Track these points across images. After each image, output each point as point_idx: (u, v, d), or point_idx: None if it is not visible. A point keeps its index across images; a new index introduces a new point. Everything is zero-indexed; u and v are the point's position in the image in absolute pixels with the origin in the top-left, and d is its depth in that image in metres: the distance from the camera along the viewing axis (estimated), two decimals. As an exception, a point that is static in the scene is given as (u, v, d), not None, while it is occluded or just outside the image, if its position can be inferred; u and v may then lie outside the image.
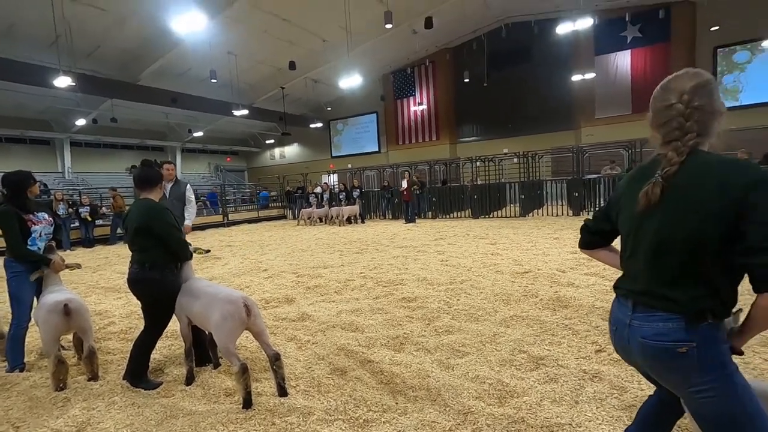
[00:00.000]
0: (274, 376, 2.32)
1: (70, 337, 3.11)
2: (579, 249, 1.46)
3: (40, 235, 2.90)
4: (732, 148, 12.48)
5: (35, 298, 2.88)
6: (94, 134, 21.41)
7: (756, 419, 1.05)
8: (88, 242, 10.77)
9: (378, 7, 14.18)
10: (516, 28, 18.51)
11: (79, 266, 3.18)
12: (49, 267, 2.85)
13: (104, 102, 17.88)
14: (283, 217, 17.58)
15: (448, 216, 13.09)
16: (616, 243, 1.35)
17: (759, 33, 14.80)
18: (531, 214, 11.99)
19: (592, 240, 1.41)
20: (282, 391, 2.28)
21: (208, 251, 3.13)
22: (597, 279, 4.28)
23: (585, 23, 14.09)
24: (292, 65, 15.80)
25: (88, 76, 14.68)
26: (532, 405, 2.06)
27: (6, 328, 2.94)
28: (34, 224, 2.88)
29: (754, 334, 1.11)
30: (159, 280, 2.45)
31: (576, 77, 17.29)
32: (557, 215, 11.39)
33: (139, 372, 2.55)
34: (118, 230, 11.03)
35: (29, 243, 2.84)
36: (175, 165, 5.17)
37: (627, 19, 16.79)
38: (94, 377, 2.65)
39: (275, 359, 2.31)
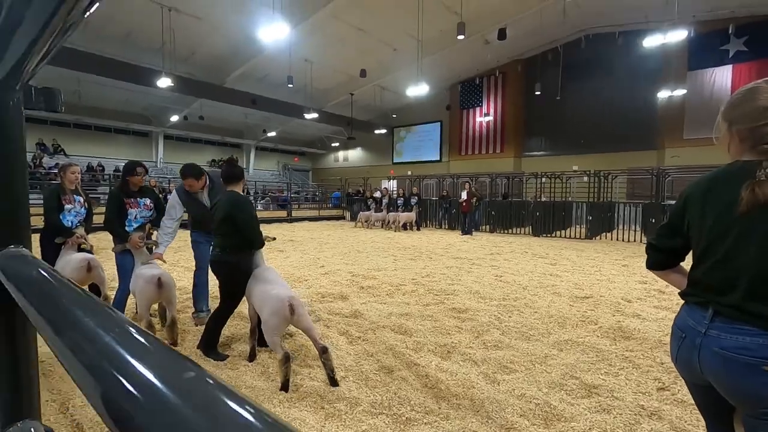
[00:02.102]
0: (324, 367, 2.49)
1: (156, 306, 3.58)
2: (648, 269, 1.42)
3: (135, 218, 3.40)
4: None
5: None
6: (184, 129, 23.89)
7: None
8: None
9: (451, 17, 14.26)
10: (597, 39, 17.52)
11: (156, 244, 3.48)
12: (128, 242, 3.28)
13: (195, 101, 19.90)
14: (342, 217, 18.20)
15: (506, 231, 12.71)
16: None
17: None
18: (598, 237, 11.24)
19: (663, 259, 1.37)
20: (333, 381, 2.44)
21: (274, 239, 3.42)
22: (667, 313, 3.96)
23: (678, 35, 12.96)
24: (362, 73, 16.40)
25: (184, 78, 16.49)
26: (578, 430, 2.00)
27: (111, 294, 3.47)
28: (131, 207, 3.38)
29: None
30: (235, 263, 2.75)
31: (663, 93, 15.92)
32: (629, 241, 10.56)
33: (212, 343, 2.87)
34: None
35: (126, 224, 3.35)
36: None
37: (731, 31, 15.14)
38: (173, 343, 3.03)
39: (323, 352, 2.48)
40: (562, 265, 6.80)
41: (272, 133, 26.31)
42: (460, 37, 11.87)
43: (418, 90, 17.44)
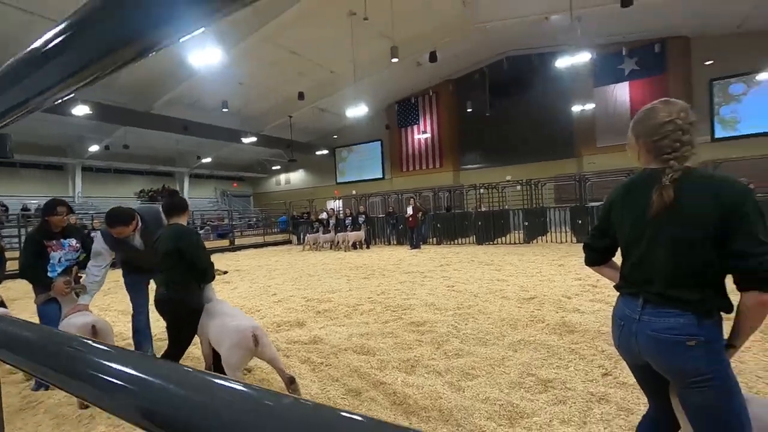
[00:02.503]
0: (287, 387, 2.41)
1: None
2: (586, 265, 1.60)
3: (59, 261, 3.07)
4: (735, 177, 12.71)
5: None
6: (106, 160, 21.99)
7: (742, 412, 1.20)
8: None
9: (384, 41, 14.87)
10: (517, 60, 19.23)
11: (85, 289, 3.05)
12: (52, 289, 2.91)
13: (117, 129, 18.48)
14: (289, 242, 17.73)
15: (452, 242, 13.20)
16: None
17: (753, 66, 15.31)
18: (535, 241, 12.09)
19: (598, 257, 1.55)
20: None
21: (225, 272, 3.26)
22: (602, 305, 4.36)
23: (583, 57, 14.67)
24: (300, 96, 16.42)
25: (104, 105, 15.31)
26: (542, 425, 2.14)
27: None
28: (54, 250, 3.05)
29: (748, 332, 1.24)
30: (183, 300, 2.59)
31: (576, 107, 17.79)
32: (561, 242, 11.49)
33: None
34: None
35: (49, 269, 3.02)
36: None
37: (624, 53, 17.45)
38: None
39: (291, 382, 2.41)
40: (506, 270, 7.22)
41: (207, 159, 25.15)
42: (394, 60, 12.40)
43: (356, 110, 17.78)
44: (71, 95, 0.48)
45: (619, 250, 1.47)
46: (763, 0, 12.85)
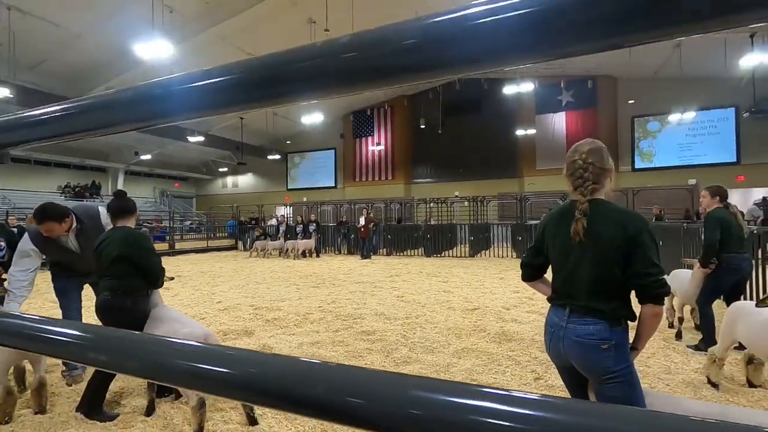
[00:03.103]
0: (243, 406, 2.39)
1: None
2: (523, 281, 1.81)
3: None
4: (648, 203, 14.35)
5: None
6: (26, 150, 19.74)
7: (641, 403, 1.48)
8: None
9: (343, 52, 15.00)
10: (468, 83, 20.34)
11: (6, 293, 2.80)
12: None
13: (44, 117, 16.74)
14: (235, 247, 17.04)
15: (402, 253, 13.50)
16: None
17: (666, 107, 17.53)
18: (479, 255, 12.73)
19: (533, 273, 1.77)
20: (252, 420, 2.36)
21: (172, 278, 3.14)
22: (537, 316, 4.76)
23: (527, 86, 15.91)
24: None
25: (28, 88, 13.85)
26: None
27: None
28: None
29: (646, 337, 1.52)
30: (130, 307, 2.48)
31: (520, 131, 19.14)
32: (503, 256, 12.21)
33: (96, 403, 2.49)
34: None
35: None
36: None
37: (562, 85, 19.17)
38: (41, 410, 2.53)
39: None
40: (452, 282, 7.56)
41: (147, 156, 23.51)
42: (353, 72, 12.57)
43: (312, 118, 17.72)
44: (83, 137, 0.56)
45: (550, 267, 1.71)
46: (673, 52, 14.85)
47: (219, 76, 0.43)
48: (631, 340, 1.54)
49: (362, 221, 12.60)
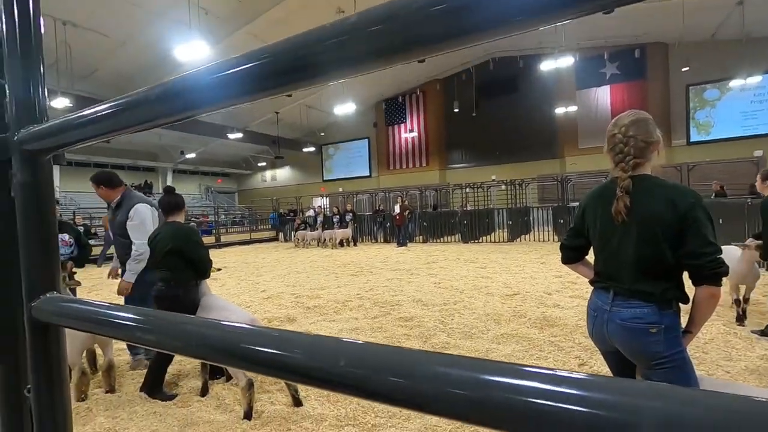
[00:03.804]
0: (288, 388, 2.51)
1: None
2: (562, 263, 1.75)
3: None
4: (706, 179, 13.28)
5: None
6: (86, 154, 21.44)
7: (694, 385, 1.39)
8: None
9: (372, 40, 14.92)
10: (503, 62, 19.56)
11: (79, 284, 3.22)
12: None
13: (99, 123, 18.04)
14: (276, 239, 17.68)
15: (438, 240, 13.41)
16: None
17: (726, 73, 15.96)
18: (518, 240, 12.40)
19: (573, 255, 1.70)
20: (297, 402, 2.47)
21: (219, 269, 3.34)
22: (580, 301, 4.58)
23: (566, 61, 15.04)
24: (288, 93, 16.31)
25: (84, 97, 14.95)
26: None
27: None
28: None
29: (701, 321, 1.42)
30: (182, 296, 2.66)
31: (559, 110, 18.22)
32: (543, 241, 11.81)
33: (157, 384, 2.71)
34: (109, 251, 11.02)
35: None
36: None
37: (605, 57, 17.95)
38: (111, 390, 2.79)
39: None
40: (491, 267, 7.43)
41: (191, 155, 24.76)
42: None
43: (344, 108, 17.82)
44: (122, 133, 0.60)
45: (591, 248, 1.63)
46: (734, 9, 13.43)
47: (252, 61, 0.44)
48: (684, 324, 1.44)
49: (397, 209, 12.62)
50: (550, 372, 0.31)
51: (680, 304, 1.41)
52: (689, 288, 1.41)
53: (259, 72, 0.44)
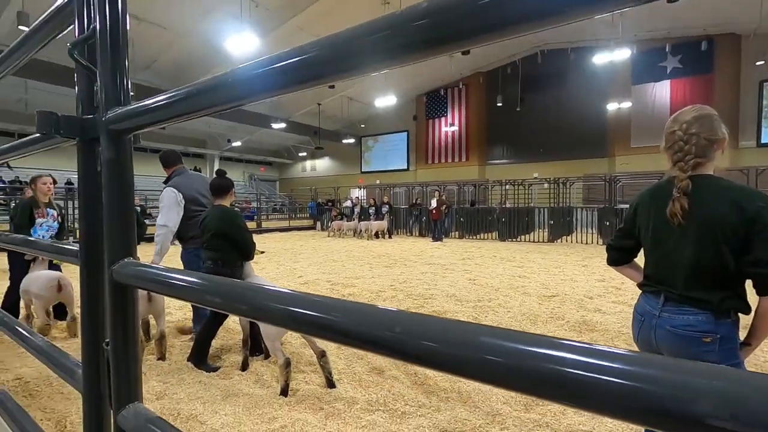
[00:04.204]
0: (322, 370, 2.61)
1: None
2: (608, 265, 1.68)
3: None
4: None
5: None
6: (144, 139, 22.93)
7: None
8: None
9: (417, 32, 14.76)
10: (552, 54, 18.73)
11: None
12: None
13: (156, 111, 19.25)
14: (313, 227, 18.14)
15: (474, 237, 13.20)
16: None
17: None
18: (559, 240, 11.95)
19: (621, 257, 1.63)
20: (330, 383, 2.57)
21: (262, 252, 3.51)
22: (624, 307, 4.37)
23: (623, 53, 14.16)
24: (331, 84, 16.57)
25: (144, 86, 15.99)
26: (556, 413, 2.25)
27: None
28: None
29: (764, 334, 1.32)
30: (230, 275, 2.82)
31: (612, 105, 17.23)
32: (586, 243, 11.31)
33: (202, 355, 2.90)
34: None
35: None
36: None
37: (667, 49, 16.70)
38: (162, 357, 3.03)
39: (321, 355, 2.60)
40: (528, 267, 7.23)
41: (237, 143, 25.81)
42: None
43: (385, 101, 17.84)
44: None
45: (642, 251, 1.56)
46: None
47: (302, 54, 0.48)
48: (743, 336, 1.35)
49: (434, 203, 12.54)
50: (578, 344, 0.32)
51: (740, 314, 1.32)
52: (752, 298, 1.32)
53: (304, 63, 0.48)
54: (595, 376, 0.29)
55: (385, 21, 0.40)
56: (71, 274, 3.47)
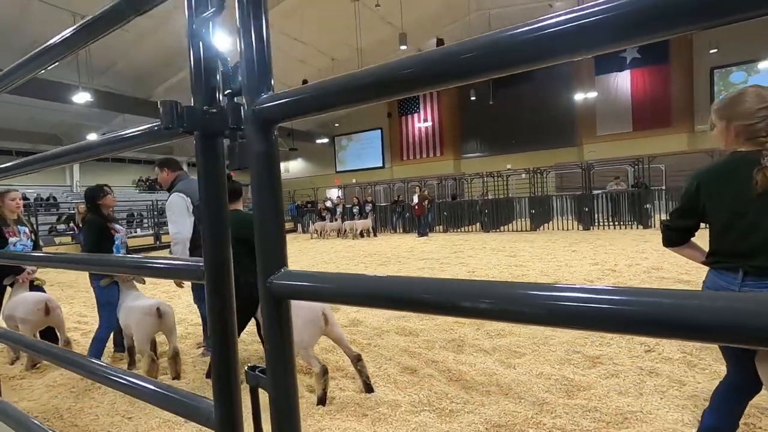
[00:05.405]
0: (359, 375, 2.52)
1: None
2: (666, 246, 1.69)
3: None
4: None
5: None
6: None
7: None
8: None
9: (387, 28, 14.75)
10: (519, 48, 19.16)
11: (143, 281, 3.39)
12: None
13: (116, 117, 18.24)
14: (294, 230, 17.78)
15: (458, 230, 13.35)
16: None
17: (755, 54, 15.44)
18: (541, 228, 12.27)
19: (680, 237, 1.63)
20: (368, 388, 2.48)
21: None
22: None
23: (587, 45, 14.67)
24: (304, 83, 16.25)
25: (104, 92, 15.08)
26: (601, 396, 2.27)
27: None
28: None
29: None
30: (252, 283, 2.66)
31: (578, 96, 17.87)
32: (567, 230, 11.67)
33: (224, 371, 2.74)
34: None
35: (114, 250, 3.09)
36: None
37: (626, 41, 17.47)
38: (177, 376, 2.83)
39: (357, 360, 2.51)
40: (521, 256, 7.37)
41: (206, 148, 24.89)
42: (403, 47, 12.34)
43: (359, 99, 17.65)
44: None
45: (706, 230, 1.57)
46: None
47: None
48: None
49: (416, 199, 12.57)
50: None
51: None
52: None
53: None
54: (589, 306, 0.42)
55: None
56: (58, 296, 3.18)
